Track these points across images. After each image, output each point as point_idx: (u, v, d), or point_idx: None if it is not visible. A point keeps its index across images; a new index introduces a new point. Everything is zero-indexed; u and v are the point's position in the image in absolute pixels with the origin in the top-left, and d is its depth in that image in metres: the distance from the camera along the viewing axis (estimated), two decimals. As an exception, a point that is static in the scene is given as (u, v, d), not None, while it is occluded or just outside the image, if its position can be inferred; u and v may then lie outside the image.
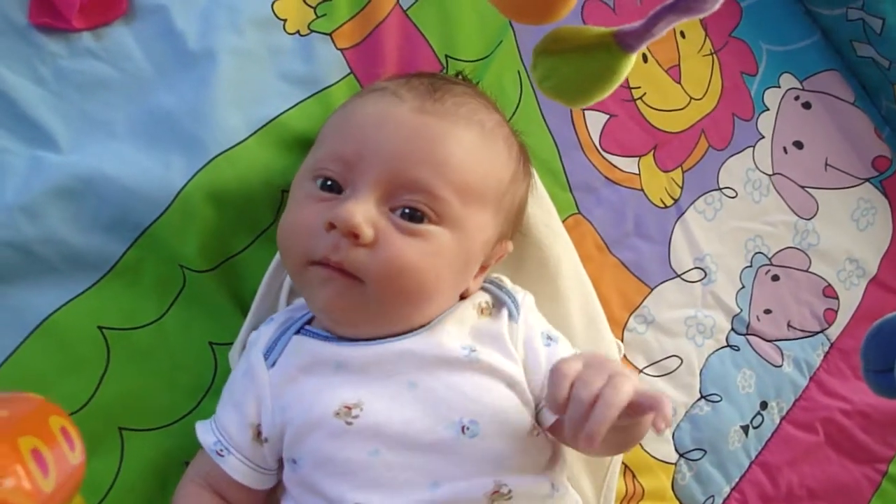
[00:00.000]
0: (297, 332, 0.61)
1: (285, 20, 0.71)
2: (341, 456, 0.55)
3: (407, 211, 0.56)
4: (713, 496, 0.84)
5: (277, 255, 0.67)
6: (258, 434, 0.59)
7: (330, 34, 0.72)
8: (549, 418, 0.58)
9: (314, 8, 0.73)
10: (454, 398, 0.56)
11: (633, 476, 0.79)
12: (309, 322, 0.62)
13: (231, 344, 0.66)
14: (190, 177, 0.64)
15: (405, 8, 0.75)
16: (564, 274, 0.73)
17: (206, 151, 0.65)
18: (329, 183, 0.58)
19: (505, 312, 0.62)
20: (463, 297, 0.63)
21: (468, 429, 0.55)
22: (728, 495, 0.85)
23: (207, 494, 0.60)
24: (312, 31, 0.72)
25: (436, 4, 0.76)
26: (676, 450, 0.82)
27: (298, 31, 0.72)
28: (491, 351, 0.59)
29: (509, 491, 0.55)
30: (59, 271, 0.62)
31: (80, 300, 0.62)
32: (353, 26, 0.73)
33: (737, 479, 0.85)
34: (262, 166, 0.67)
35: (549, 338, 0.62)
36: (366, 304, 0.56)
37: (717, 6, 0.36)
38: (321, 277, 0.56)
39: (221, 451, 0.59)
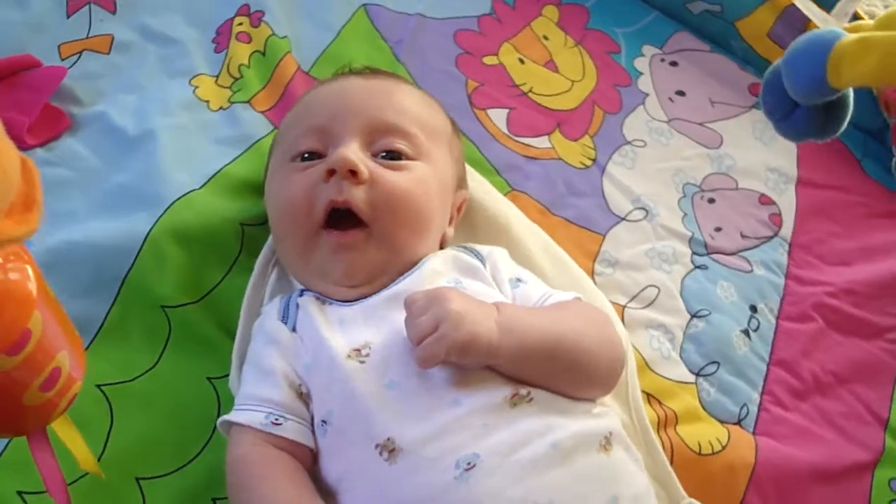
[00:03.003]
0: (300, 296, 0.65)
1: (208, 101, 0.83)
2: (359, 393, 0.56)
3: (385, 153, 0.65)
4: (745, 404, 0.82)
5: (252, 278, 0.71)
6: (300, 393, 0.59)
7: (248, 101, 0.84)
8: None
9: (229, 87, 0.85)
10: None
11: (659, 402, 0.79)
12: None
13: (227, 376, 0.68)
14: (153, 222, 0.70)
15: (306, 69, 0.88)
16: (515, 224, 0.79)
17: (164, 200, 0.72)
18: (308, 155, 0.66)
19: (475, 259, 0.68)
20: (442, 246, 0.69)
21: None
22: (760, 400, 0.83)
23: (275, 452, 0.57)
24: (233, 103, 0.83)
25: (330, 60, 0.89)
26: (690, 370, 0.83)
27: (221, 107, 0.83)
28: (473, 281, 0.64)
29: (528, 392, 0.56)
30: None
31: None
32: (266, 93, 0.85)
33: (761, 384, 0.85)
34: (218, 206, 0.74)
35: (519, 279, 0.67)
36: (375, 251, 0.63)
37: None
38: (332, 244, 0.62)
39: (278, 419, 0.57)
